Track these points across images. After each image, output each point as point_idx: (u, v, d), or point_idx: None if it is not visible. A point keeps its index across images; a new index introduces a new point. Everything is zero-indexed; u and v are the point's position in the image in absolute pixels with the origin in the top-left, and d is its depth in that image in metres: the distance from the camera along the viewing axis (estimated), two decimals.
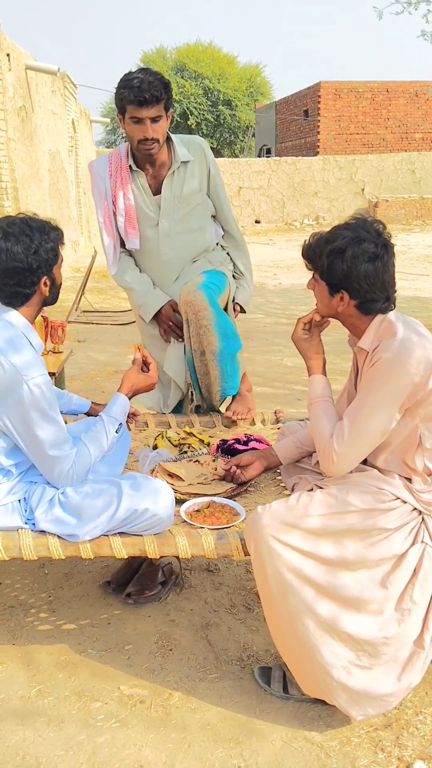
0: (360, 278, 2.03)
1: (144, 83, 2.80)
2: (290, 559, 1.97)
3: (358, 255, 2.02)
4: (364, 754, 2.01)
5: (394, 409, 1.99)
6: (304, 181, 22.64)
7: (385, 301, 2.09)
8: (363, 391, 2.03)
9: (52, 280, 2.25)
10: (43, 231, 2.20)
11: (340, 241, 2.05)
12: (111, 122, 37.23)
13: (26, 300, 2.21)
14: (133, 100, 2.82)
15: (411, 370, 1.95)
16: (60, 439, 2.18)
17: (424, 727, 2.11)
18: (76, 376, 5.88)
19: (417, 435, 2.05)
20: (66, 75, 13.68)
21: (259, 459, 2.59)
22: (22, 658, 2.41)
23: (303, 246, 2.21)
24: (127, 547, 2.19)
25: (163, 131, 2.95)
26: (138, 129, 2.90)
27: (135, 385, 2.53)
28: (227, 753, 2.01)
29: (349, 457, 2.06)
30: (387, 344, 2.00)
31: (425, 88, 26.23)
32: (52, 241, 2.22)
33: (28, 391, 2.08)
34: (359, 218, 2.13)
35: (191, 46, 37.83)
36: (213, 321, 3.02)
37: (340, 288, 2.09)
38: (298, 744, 2.04)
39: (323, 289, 2.15)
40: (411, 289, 10.49)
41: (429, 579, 2.01)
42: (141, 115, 2.85)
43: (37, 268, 2.17)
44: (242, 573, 2.93)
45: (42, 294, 2.24)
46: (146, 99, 2.80)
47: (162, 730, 2.09)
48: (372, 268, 2.03)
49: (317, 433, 2.15)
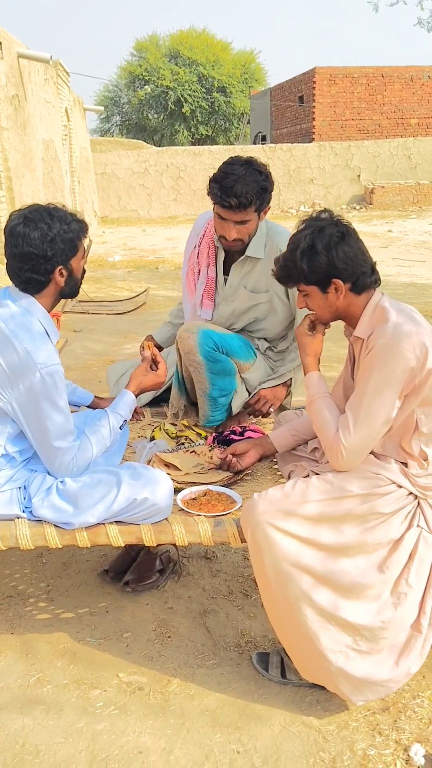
0: (343, 259, 2.06)
1: (237, 186, 2.57)
2: (288, 547, 1.98)
3: (328, 241, 2.06)
4: (361, 737, 2.02)
5: (394, 396, 1.99)
6: (299, 168, 22.55)
7: (372, 272, 2.12)
8: (362, 381, 2.03)
9: (69, 272, 2.24)
10: (64, 221, 2.19)
11: (305, 241, 2.09)
12: (105, 110, 37.11)
13: (41, 288, 2.21)
14: (218, 200, 2.63)
15: (406, 354, 1.95)
16: (66, 431, 2.18)
17: (422, 711, 2.12)
18: (73, 366, 5.87)
19: (413, 420, 2.05)
20: (59, 63, 13.57)
21: (254, 447, 2.59)
22: (20, 647, 2.42)
23: (274, 274, 2.24)
24: (124, 535, 2.19)
25: (249, 232, 2.76)
26: (220, 225, 2.73)
27: (143, 384, 2.53)
28: (226, 738, 2.02)
29: (357, 449, 2.05)
30: (381, 330, 2.01)
31: (420, 73, 26.11)
32: (72, 233, 2.20)
33: (40, 379, 2.09)
34: (305, 218, 2.18)
35: (185, 32, 37.61)
36: (204, 366, 2.89)
37: (329, 279, 2.09)
38: (296, 728, 2.06)
39: (315, 293, 2.15)
40: (407, 276, 10.48)
41: (425, 563, 2.02)
42: (225, 216, 2.67)
43: (51, 257, 2.16)
44: (240, 560, 2.94)
45: (57, 284, 2.23)
46: (231, 205, 2.61)
47: (161, 717, 2.11)
48: (347, 246, 2.07)
49: (322, 430, 2.14)
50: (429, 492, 2.06)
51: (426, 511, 2.05)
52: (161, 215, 21.86)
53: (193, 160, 22.03)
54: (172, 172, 21.98)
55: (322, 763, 1.93)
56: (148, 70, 36.33)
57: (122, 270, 11.69)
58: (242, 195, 2.59)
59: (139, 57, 37.61)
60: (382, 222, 18.78)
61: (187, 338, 2.87)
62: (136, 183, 21.91)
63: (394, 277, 10.15)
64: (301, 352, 2.34)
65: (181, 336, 2.90)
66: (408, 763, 1.93)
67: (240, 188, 2.57)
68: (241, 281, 2.96)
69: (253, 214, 2.70)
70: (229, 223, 2.69)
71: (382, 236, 15.58)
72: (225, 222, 2.69)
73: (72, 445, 2.22)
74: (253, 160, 2.68)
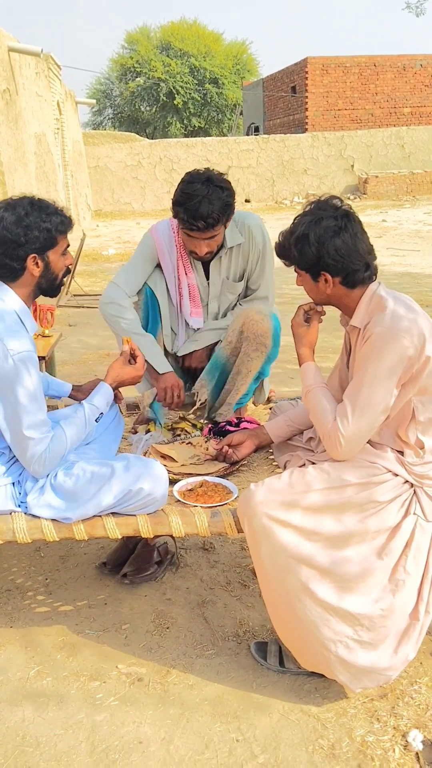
0: (332, 255, 2.06)
1: (202, 207, 2.57)
2: (285, 538, 1.99)
3: (322, 234, 2.06)
4: (360, 724, 2.04)
5: (392, 385, 1.99)
6: (293, 158, 22.50)
7: (366, 269, 2.10)
8: (360, 370, 2.03)
9: (45, 264, 2.22)
10: (44, 211, 2.18)
11: (301, 227, 2.10)
12: (97, 103, 36.96)
13: (16, 276, 2.20)
14: (185, 225, 2.65)
15: (404, 342, 1.95)
16: (38, 421, 2.15)
17: (419, 697, 2.13)
18: (68, 360, 5.87)
19: (410, 408, 2.06)
20: (50, 56, 13.49)
21: (250, 438, 2.59)
22: (20, 640, 2.43)
23: (275, 246, 2.25)
24: (121, 527, 2.20)
25: (218, 243, 2.79)
26: (190, 242, 2.74)
27: (120, 377, 2.48)
28: (225, 727, 2.04)
29: (355, 438, 2.05)
30: (378, 319, 2.01)
31: (413, 62, 26.05)
32: (51, 224, 2.18)
33: (12, 366, 2.07)
34: (315, 201, 2.16)
35: (176, 24, 37.46)
36: (268, 353, 2.91)
37: (319, 271, 2.10)
38: (295, 716, 2.07)
39: (307, 279, 2.17)
40: (402, 265, 10.48)
41: (422, 550, 2.02)
42: (194, 236, 2.69)
43: (25, 243, 2.15)
44: (237, 551, 2.95)
45: (32, 274, 2.21)
46: (200, 228, 2.63)
47: (160, 707, 2.12)
48: (340, 241, 2.06)
49: (319, 420, 2.14)
50: (425, 480, 2.07)
51: (422, 499, 2.06)
52: (155, 208, 21.79)
53: (186, 152, 21.97)
54: (165, 164, 21.91)
55: (321, 750, 1.95)
56: (140, 62, 36.18)
57: (117, 263, 11.66)
58: (209, 216, 2.60)
59: (131, 49, 37.44)
60: (376, 212, 18.76)
61: (261, 321, 2.84)
62: (129, 176, 21.84)
63: (388, 267, 10.15)
64: (296, 343, 2.33)
65: (254, 318, 2.85)
66: (406, 748, 1.95)
67: (205, 209, 2.58)
68: (221, 276, 2.98)
69: (221, 228, 2.73)
70: (199, 241, 2.71)
71: (376, 226, 15.56)
72: (195, 240, 2.72)
73: (45, 437, 2.18)
74: (213, 176, 2.68)
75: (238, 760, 1.92)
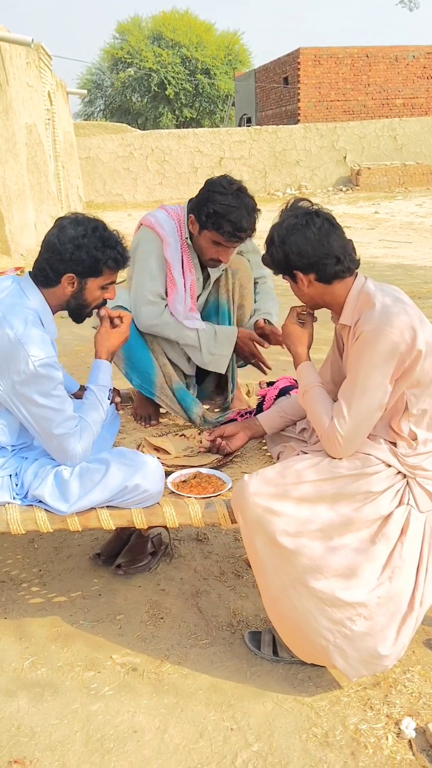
0: (296, 252, 2.08)
1: (244, 220, 2.62)
2: (280, 528, 1.99)
3: (285, 233, 2.09)
4: (353, 712, 2.06)
5: (386, 381, 2.00)
6: (285, 150, 22.46)
7: (336, 263, 2.09)
8: (353, 369, 2.03)
9: (81, 288, 2.21)
10: (103, 241, 2.18)
11: (270, 232, 2.15)
12: (88, 94, 36.73)
13: (48, 285, 2.20)
14: (229, 237, 2.65)
15: (395, 338, 1.95)
16: (65, 417, 2.16)
17: (412, 685, 2.15)
18: (61, 352, 5.85)
19: (404, 401, 2.06)
20: (40, 46, 13.40)
21: (243, 429, 2.60)
22: (14, 631, 2.43)
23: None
24: (115, 518, 2.20)
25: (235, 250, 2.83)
26: (215, 251, 2.74)
27: (111, 345, 2.43)
28: (219, 716, 2.05)
29: (353, 437, 2.05)
30: (367, 316, 2.01)
31: (405, 53, 26.00)
32: (102, 255, 2.17)
33: (33, 370, 2.05)
34: (284, 208, 2.19)
35: (167, 14, 37.25)
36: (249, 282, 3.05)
37: (291, 270, 2.13)
38: (288, 705, 2.08)
39: (289, 281, 2.20)
40: (394, 257, 10.49)
41: (416, 537, 2.03)
42: (228, 246, 2.71)
43: (68, 259, 2.15)
44: (231, 541, 2.96)
45: (64, 290, 2.20)
46: (242, 239, 2.68)
47: (155, 696, 2.13)
48: (300, 238, 2.07)
49: (316, 420, 2.14)
50: (417, 471, 2.08)
51: (415, 489, 2.07)
52: (147, 199, 21.73)
53: (178, 144, 21.90)
54: (157, 155, 21.84)
55: (314, 739, 1.96)
56: (131, 52, 35.98)
57: None
58: (249, 228, 2.65)
59: (122, 39, 37.23)
60: (369, 203, 18.76)
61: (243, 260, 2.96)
62: (120, 167, 21.76)
63: (381, 259, 10.15)
64: (292, 343, 2.32)
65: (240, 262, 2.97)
66: (399, 736, 1.96)
67: (247, 221, 2.63)
68: (216, 273, 2.96)
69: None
70: (229, 250, 2.75)
71: (368, 218, 15.57)
72: (224, 248, 2.73)
73: (75, 430, 2.19)
74: (240, 185, 2.69)
75: (233, 748, 1.94)
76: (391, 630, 2.02)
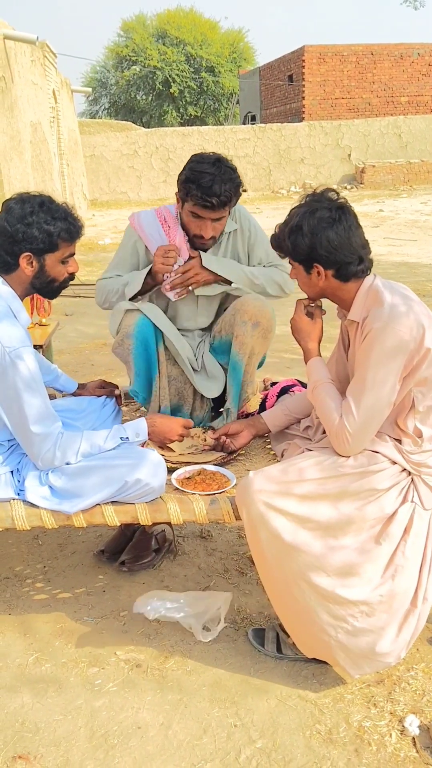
0: (325, 246, 2.05)
1: (215, 185, 2.54)
2: (284, 526, 1.99)
3: (316, 225, 2.05)
4: (357, 709, 2.06)
5: (395, 379, 1.99)
6: (290, 147, 22.42)
7: (359, 262, 2.09)
8: (361, 366, 2.03)
9: (41, 266, 2.19)
10: (51, 213, 2.15)
11: (296, 218, 2.10)
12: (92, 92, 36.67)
13: (8, 269, 2.19)
14: (198, 201, 2.59)
15: (404, 336, 1.95)
16: (43, 415, 2.14)
17: (416, 682, 2.15)
18: (65, 349, 5.87)
19: (410, 398, 2.06)
20: (45, 44, 13.40)
21: (247, 427, 2.60)
22: (19, 627, 2.44)
23: (271, 238, 2.25)
24: (119, 515, 2.20)
25: (222, 228, 2.75)
26: (196, 224, 2.69)
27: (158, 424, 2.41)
28: (223, 712, 2.05)
29: (362, 434, 2.04)
30: (377, 314, 2.00)
31: (410, 51, 25.93)
32: (54, 228, 2.15)
33: (10, 362, 2.06)
34: (311, 193, 2.16)
35: (172, 12, 37.22)
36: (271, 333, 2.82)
37: (312, 262, 2.10)
38: (292, 702, 2.08)
39: (300, 270, 2.17)
40: (399, 255, 10.48)
41: (420, 536, 2.03)
42: (203, 215, 2.64)
43: (20, 240, 2.13)
44: (235, 538, 2.96)
45: (24, 272, 2.18)
46: (214, 205, 2.58)
47: (159, 693, 2.13)
48: (333, 233, 2.05)
49: (326, 417, 2.13)
50: (423, 468, 2.08)
51: (419, 487, 2.07)
52: (151, 197, 21.72)
53: (183, 141, 21.87)
54: (162, 153, 21.82)
55: (318, 735, 1.96)
56: (135, 50, 35.94)
57: (113, 253, 11.59)
58: (222, 193, 2.57)
59: (126, 37, 37.18)
60: (373, 201, 18.72)
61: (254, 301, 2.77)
62: (125, 165, 21.75)
63: (385, 257, 10.14)
64: (302, 338, 2.31)
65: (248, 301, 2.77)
66: (403, 734, 1.96)
67: (218, 187, 2.56)
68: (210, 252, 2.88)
69: (227, 210, 2.69)
70: (207, 222, 2.66)
71: (373, 216, 15.53)
72: (202, 221, 2.66)
73: (51, 432, 2.16)
74: (222, 157, 2.66)
75: (236, 744, 1.94)
76: (393, 627, 2.02)
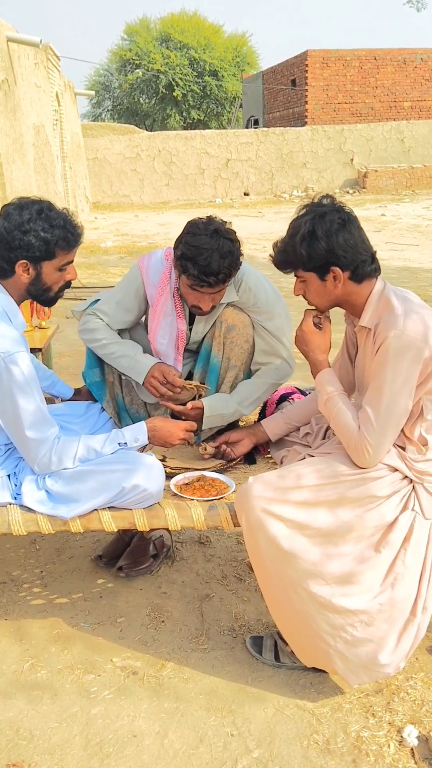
0: (342, 246, 2.03)
1: (213, 263, 2.35)
2: (282, 532, 1.98)
3: (329, 228, 2.03)
4: (355, 719, 2.03)
5: (411, 388, 1.98)
6: (292, 152, 22.44)
7: (372, 261, 2.09)
8: (378, 376, 2.00)
9: (37, 274, 2.17)
10: (49, 221, 2.12)
11: (305, 226, 2.06)
12: (96, 95, 36.81)
13: (4, 275, 2.17)
14: (195, 281, 2.40)
15: (419, 344, 1.93)
16: (38, 420, 2.13)
17: (414, 692, 2.13)
18: (65, 352, 5.85)
19: (420, 406, 2.04)
20: (49, 47, 13.42)
21: (247, 435, 2.58)
22: (14, 632, 2.42)
23: (273, 260, 2.20)
24: (117, 520, 2.19)
25: (221, 297, 2.55)
26: (193, 296, 2.48)
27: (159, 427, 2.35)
28: (220, 721, 2.03)
29: (382, 444, 2.02)
30: (390, 321, 1.98)
31: (413, 56, 25.96)
32: (52, 236, 2.12)
33: (4, 367, 2.05)
34: (309, 203, 2.15)
35: (176, 15, 37.34)
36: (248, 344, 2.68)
37: (328, 266, 2.06)
38: (290, 711, 2.06)
39: (313, 280, 2.11)
40: (401, 260, 10.47)
41: (420, 544, 2.01)
42: (201, 291, 2.44)
43: (17, 247, 2.11)
44: (233, 545, 2.94)
45: (20, 279, 2.16)
46: (210, 284, 2.40)
47: (155, 701, 2.11)
48: (347, 233, 2.04)
49: (343, 428, 2.09)
50: (425, 477, 2.05)
51: (421, 495, 2.05)
52: (153, 201, 21.75)
53: (185, 145, 21.90)
54: (164, 157, 21.85)
55: (315, 745, 1.94)
56: (139, 54, 36.03)
57: (115, 255, 11.64)
58: (220, 272, 2.38)
59: (130, 41, 37.29)
60: (375, 206, 18.72)
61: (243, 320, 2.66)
62: (128, 168, 21.77)
63: (387, 261, 10.13)
64: (311, 350, 2.24)
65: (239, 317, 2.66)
66: (401, 744, 1.94)
67: (216, 265, 2.36)
68: (205, 327, 2.72)
69: (227, 283, 2.51)
70: (205, 296, 2.48)
71: (375, 220, 15.53)
72: (201, 294, 2.47)
73: (47, 437, 2.15)
74: (219, 226, 2.44)
75: (233, 754, 1.92)
76: (392, 637, 2.00)
